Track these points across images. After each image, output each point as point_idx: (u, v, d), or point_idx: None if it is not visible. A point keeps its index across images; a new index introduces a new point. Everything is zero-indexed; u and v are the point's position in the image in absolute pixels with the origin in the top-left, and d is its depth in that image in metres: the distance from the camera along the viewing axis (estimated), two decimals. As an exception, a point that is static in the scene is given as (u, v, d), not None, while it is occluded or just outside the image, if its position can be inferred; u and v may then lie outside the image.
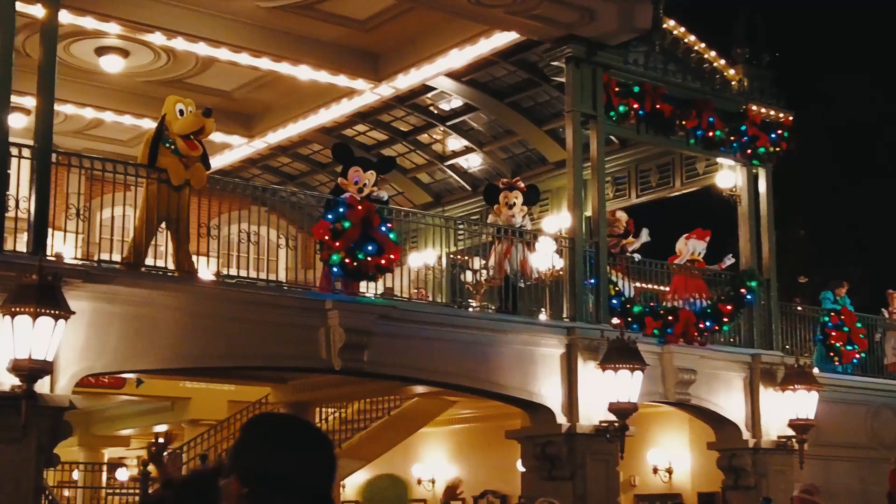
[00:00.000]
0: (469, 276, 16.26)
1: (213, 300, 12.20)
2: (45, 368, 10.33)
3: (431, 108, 19.69)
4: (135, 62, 16.97)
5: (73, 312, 10.48)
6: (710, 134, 16.36)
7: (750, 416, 16.14)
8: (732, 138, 16.69)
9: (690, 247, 16.53)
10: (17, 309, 10.13)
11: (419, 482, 22.59)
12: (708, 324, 15.84)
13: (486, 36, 15.91)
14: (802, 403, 15.88)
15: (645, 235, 16.26)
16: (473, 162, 21.22)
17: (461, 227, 17.13)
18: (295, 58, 16.56)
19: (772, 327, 16.82)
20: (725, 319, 16.11)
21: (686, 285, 16.13)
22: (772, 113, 17.07)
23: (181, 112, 12.14)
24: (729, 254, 16.80)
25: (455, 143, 20.77)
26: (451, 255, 18.36)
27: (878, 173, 31.41)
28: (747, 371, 16.20)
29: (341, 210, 12.90)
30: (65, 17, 13.18)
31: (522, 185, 15.56)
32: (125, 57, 16.73)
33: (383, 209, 13.64)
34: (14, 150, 11.18)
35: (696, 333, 15.64)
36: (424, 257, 17.23)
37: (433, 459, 22.55)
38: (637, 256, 16.03)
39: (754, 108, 16.90)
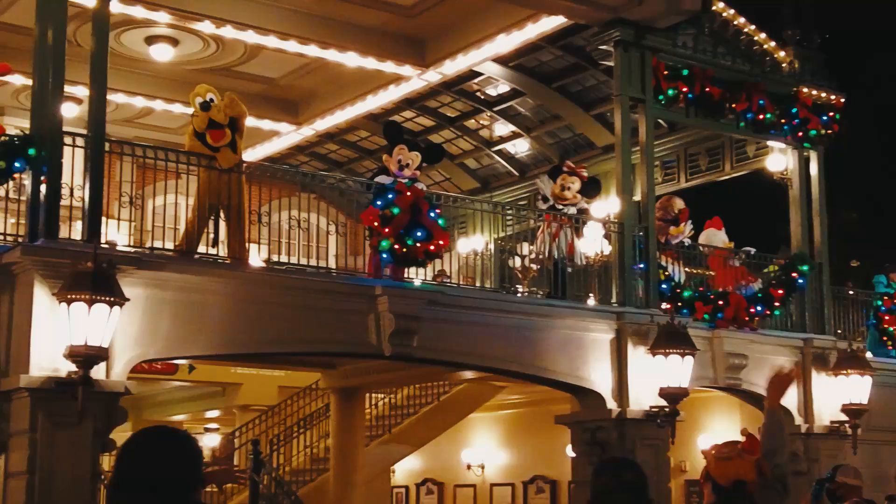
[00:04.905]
0: (517, 261, 16.25)
1: (263, 286, 12.28)
2: (100, 354, 10.45)
3: (478, 93, 19.67)
4: (184, 51, 17.10)
5: (128, 299, 10.59)
6: (761, 117, 16.21)
7: (802, 401, 16.01)
8: (783, 121, 16.52)
9: (716, 239, 16.28)
10: (73, 296, 10.25)
11: (469, 467, 22.65)
12: (759, 308, 15.72)
13: (533, 20, 15.85)
14: (855, 388, 15.73)
15: (689, 229, 15.95)
16: (521, 147, 21.19)
17: (509, 212, 17.12)
18: (342, 44, 16.60)
19: (824, 311, 16.65)
20: (777, 304, 15.97)
21: (733, 274, 15.97)
22: (823, 95, 16.88)
23: (202, 106, 12.24)
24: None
25: (502, 128, 20.74)
26: (499, 241, 18.36)
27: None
28: (799, 356, 16.07)
29: (390, 196, 12.94)
30: (115, 6, 13.28)
31: (585, 173, 15.43)
32: (175, 46, 16.87)
33: (432, 195, 13.66)
34: (68, 140, 11.31)
35: (746, 318, 15.53)
36: (473, 243, 17.23)
37: (482, 445, 22.59)
38: (687, 241, 15.89)
39: (805, 90, 16.72)
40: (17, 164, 10.97)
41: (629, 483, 4.62)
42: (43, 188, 11.03)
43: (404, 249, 12.82)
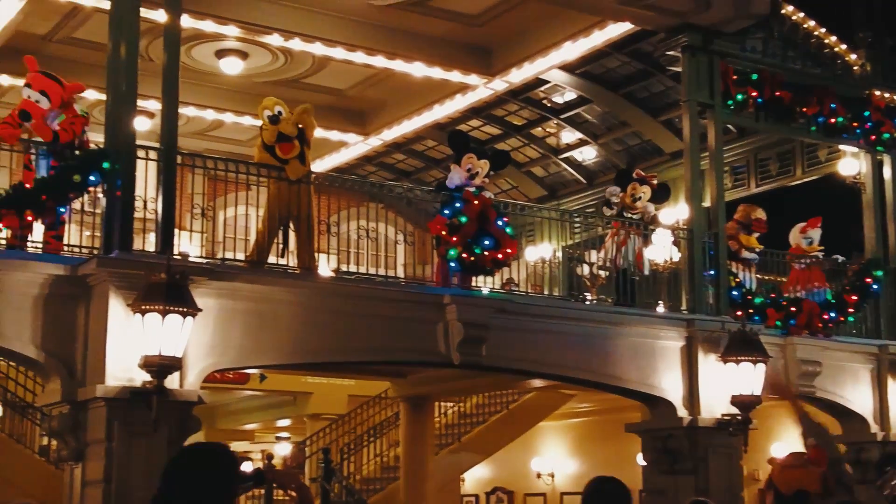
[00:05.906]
0: (585, 269, 16.19)
1: (332, 296, 12.36)
2: (174, 364, 10.59)
3: (545, 101, 19.66)
4: (253, 63, 17.31)
5: (200, 309, 10.73)
6: (832, 121, 15.98)
7: (878, 408, 15.74)
8: (855, 124, 16.28)
9: (809, 237, 16.11)
10: (147, 307, 10.41)
11: (538, 476, 22.58)
12: (832, 314, 15.48)
13: (599, 27, 15.80)
14: (933, 395, 15.44)
15: (755, 252, 15.69)
16: (588, 154, 21.13)
17: (577, 220, 17.07)
18: (408, 55, 16.68)
19: (899, 317, 16.37)
20: (851, 310, 15.72)
21: (804, 277, 15.77)
22: (896, 98, 16.62)
23: (271, 119, 12.37)
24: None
25: (569, 135, 20.71)
26: (567, 249, 18.32)
27: None
28: (874, 362, 15.80)
29: (458, 205, 12.96)
30: (186, 21, 13.49)
31: (655, 182, 15.33)
32: (244, 59, 17.08)
33: (499, 204, 13.66)
34: (141, 153, 11.51)
35: (820, 324, 15.31)
36: (540, 251, 17.21)
37: (552, 453, 22.52)
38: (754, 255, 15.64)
39: (877, 93, 16.45)
40: (92, 178, 11.18)
41: (604, 493, 5.35)
42: (117, 201, 11.22)
43: (472, 258, 12.84)
